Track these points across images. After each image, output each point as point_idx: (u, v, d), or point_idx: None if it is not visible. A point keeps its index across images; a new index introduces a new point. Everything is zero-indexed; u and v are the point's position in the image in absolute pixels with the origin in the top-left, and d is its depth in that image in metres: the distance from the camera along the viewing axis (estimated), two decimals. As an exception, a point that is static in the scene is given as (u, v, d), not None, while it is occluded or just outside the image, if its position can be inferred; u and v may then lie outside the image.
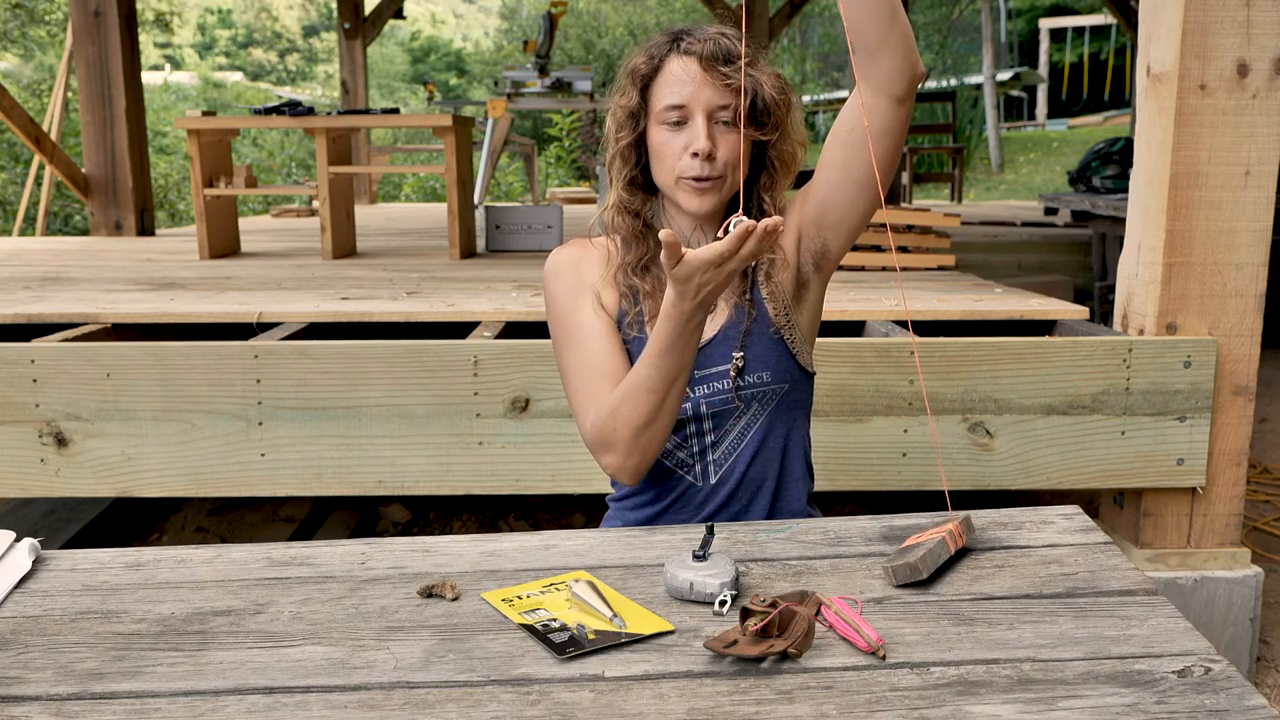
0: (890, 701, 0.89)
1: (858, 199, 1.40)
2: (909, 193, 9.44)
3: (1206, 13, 2.18)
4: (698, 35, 1.36)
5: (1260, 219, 2.25)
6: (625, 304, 1.44)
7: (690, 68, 1.34)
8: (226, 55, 34.65)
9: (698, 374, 1.41)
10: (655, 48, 1.38)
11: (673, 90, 1.35)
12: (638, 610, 1.06)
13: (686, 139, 1.35)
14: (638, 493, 1.48)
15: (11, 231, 8.29)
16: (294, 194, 6.83)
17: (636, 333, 1.43)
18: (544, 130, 15.06)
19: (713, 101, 1.34)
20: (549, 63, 6.71)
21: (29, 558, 1.19)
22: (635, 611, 1.06)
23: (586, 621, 1.04)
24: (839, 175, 1.38)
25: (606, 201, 1.47)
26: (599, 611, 1.04)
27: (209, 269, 3.82)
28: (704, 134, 1.34)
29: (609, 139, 1.43)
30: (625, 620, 1.03)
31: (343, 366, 2.21)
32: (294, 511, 3.31)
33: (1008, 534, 1.25)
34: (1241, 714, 0.86)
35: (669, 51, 1.37)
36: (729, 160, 1.36)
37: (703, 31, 1.37)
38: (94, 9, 5.30)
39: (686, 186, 1.36)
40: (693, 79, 1.34)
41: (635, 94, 1.38)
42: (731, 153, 1.36)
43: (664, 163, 1.37)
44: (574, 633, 1.01)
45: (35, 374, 2.20)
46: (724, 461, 1.44)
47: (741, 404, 1.41)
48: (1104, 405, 2.26)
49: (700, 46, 1.34)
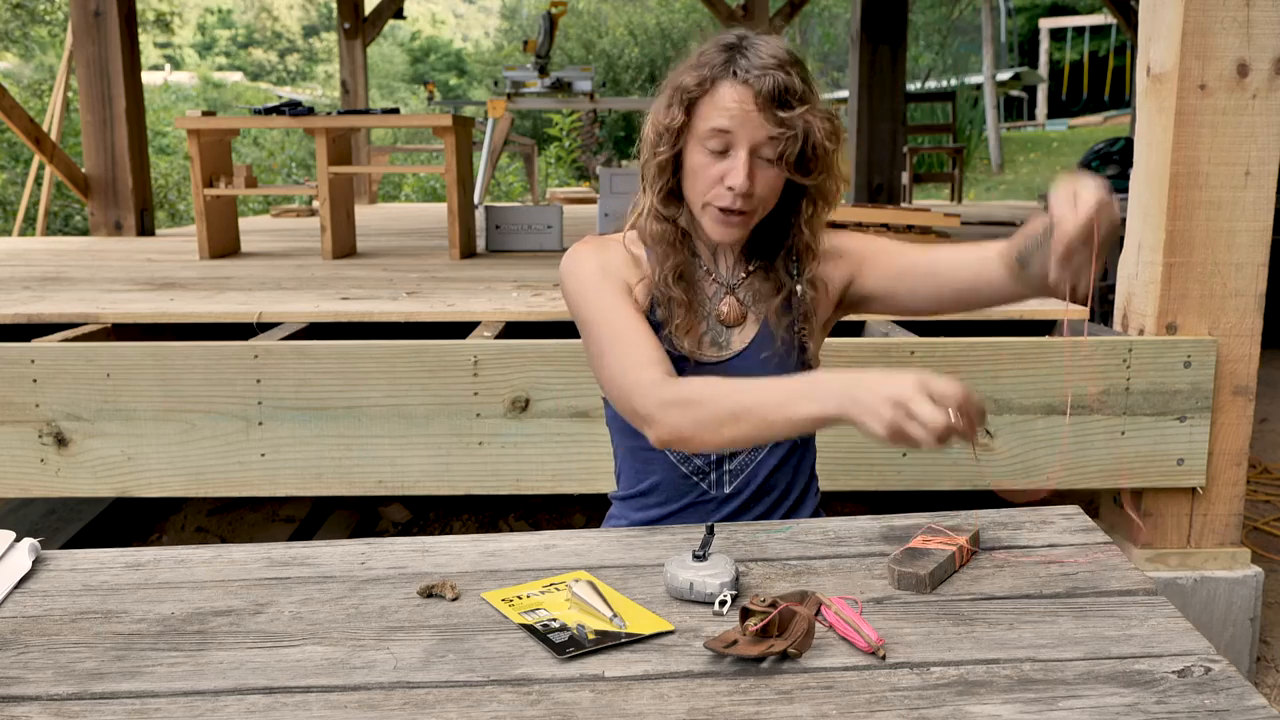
0: (890, 701, 0.89)
1: (931, 301, 1.43)
2: (909, 193, 9.44)
3: (1206, 13, 2.18)
4: (754, 60, 1.28)
5: (1260, 219, 2.25)
6: (660, 313, 1.40)
7: (745, 99, 1.27)
8: (226, 55, 34.64)
9: None
10: (708, 67, 1.30)
11: (720, 116, 1.29)
12: (637, 610, 1.06)
13: (724, 169, 1.30)
14: (646, 494, 1.46)
15: (11, 231, 8.29)
16: (294, 194, 6.82)
17: (669, 349, 1.39)
18: (544, 130, 15.05)
19: (758, 139, 1.29)
20: (549, 63, 6.71)
21: (29, 558, 1.19)
22: (635, 611, 1.06)
23: (586, 621, 1.04)
24: (932, 283, 1.40)
25: (639, 207, 1.42)
26: (599, 611, 1.04)
27: (209, 269, 3.81)
28: (744, 171, 1.29)
29: (646, 144, 1.37)
30: (625, 620, 1.03)
31: (343, 366, 2.21)
32: (294, 511, 3.31)
33: (1008, 534, 1.25)
34: (1241, 714, 0.86)
35: (723, 74, 1.29)
36: (763, 196, 1.33)
37: (759, 55, 1.29)
38: (94, 9, 5.30)
39: (715, 215, 1.33)
40: (744, 112, 1.28)
41: (680, 113, 1.31)
42: (767, 187, 1.32)
43: (696, 185, 1.33)
44: (574, 633, 1.01)
45: (35, 374, 2.20)
46: (740, 471, 1.43)
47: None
48: (1104, 405, 2.25)
49: (759, 82, 1.27)
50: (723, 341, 1.43)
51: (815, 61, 18.40)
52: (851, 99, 6.66)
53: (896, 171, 6.60)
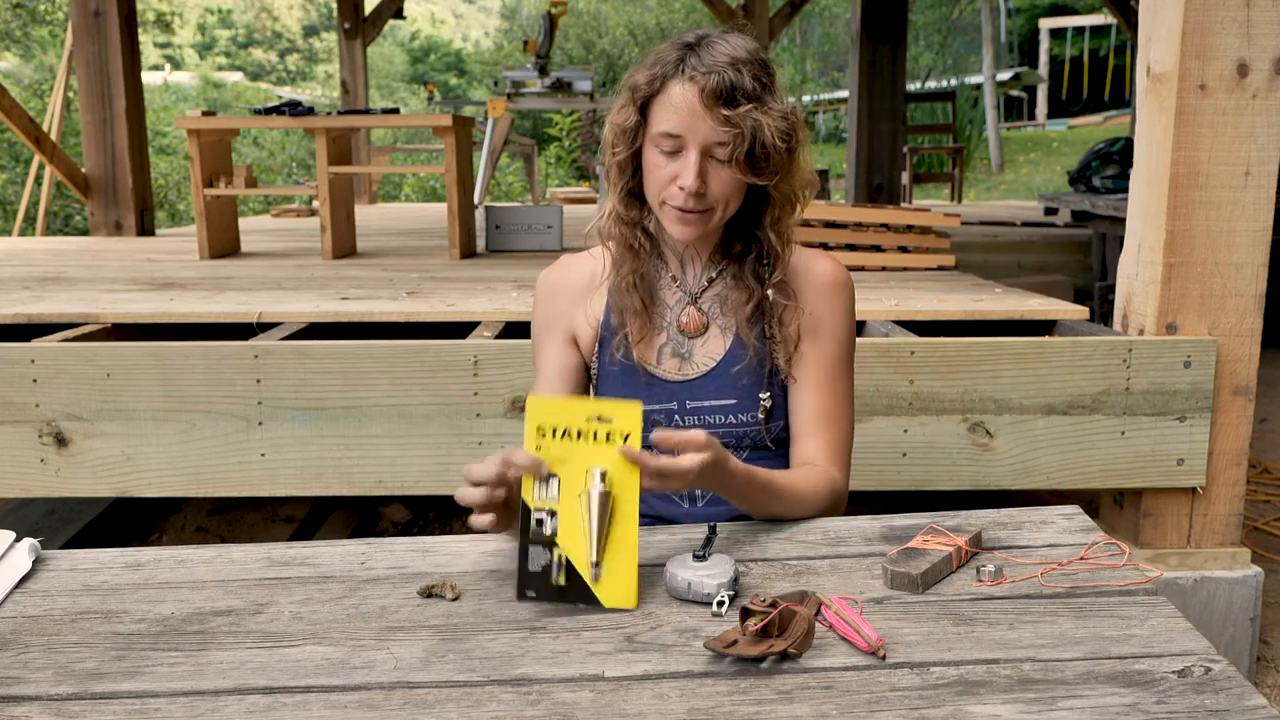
0: (890, 701, 0.89)
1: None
2: (909, 193, 9.44)
3: (1206, 13, 2.18)
4: (705, 59, 1.26)
5: (1260, 219, 2.25)
6: (614, 322, 1.40)
7: (690, 98, 1.26)
8: (226, 55, 34.65)
9: (689, 404, 1.38)
10: (660, 65, 1.30)
11: (669, 118, 1.28)
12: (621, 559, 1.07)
13: (676, 169, 1.29)
14: None
15: (11, 231, 8.29)
16: (294, 194, 6.83)
17: (622, 356, 1.39)
18: (544, 130, 15.06)
19: (708, 139, 1.27)
20: (549, 63, 6.70)
21: (29, 558, 1.19)
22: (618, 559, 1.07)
23: (571, 552, 1.07)
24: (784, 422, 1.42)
25: (604, 209, 1.42)
26: (587, 543, 1.07)
27: (209, 269, 3.81)
28: (694, 171, 1.27)
29: (606, 147, 1.37)
30: (604, 572, 1.07)
31: (342, 366, 2.21)
32: (294, 511, 3.31)
33: (1008, 534, 1.25)
34: (1241, 714, 0.86)
35: (673, 73, 1.28)
36: (720, 196, 1.31)
37: (712, 55, 1.27)
38: (94, 9, 5.30)
39: (671, 214, 1.32)
40: (691, 111, 1.26)
41: (634, 112, 1.31)
42: (723, 188, 1.30)
43: (653, 185, 1.33)
44: (547, 564, 1.07)
45: (35, 374, 2.20)
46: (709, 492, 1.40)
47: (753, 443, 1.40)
48: (1104, 405, 2.25)
49: (705, 79, 1.25)
50: (685, 353, 1.40)
51: (815, 61, 18.41)
52: (851, 99, 6.67)
53: (896, 171, 6.60)
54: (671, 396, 1.39)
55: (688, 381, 1.39)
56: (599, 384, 1.45)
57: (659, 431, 1.11)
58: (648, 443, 1.13)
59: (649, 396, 1.39)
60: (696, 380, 1.39)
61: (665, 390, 1.40)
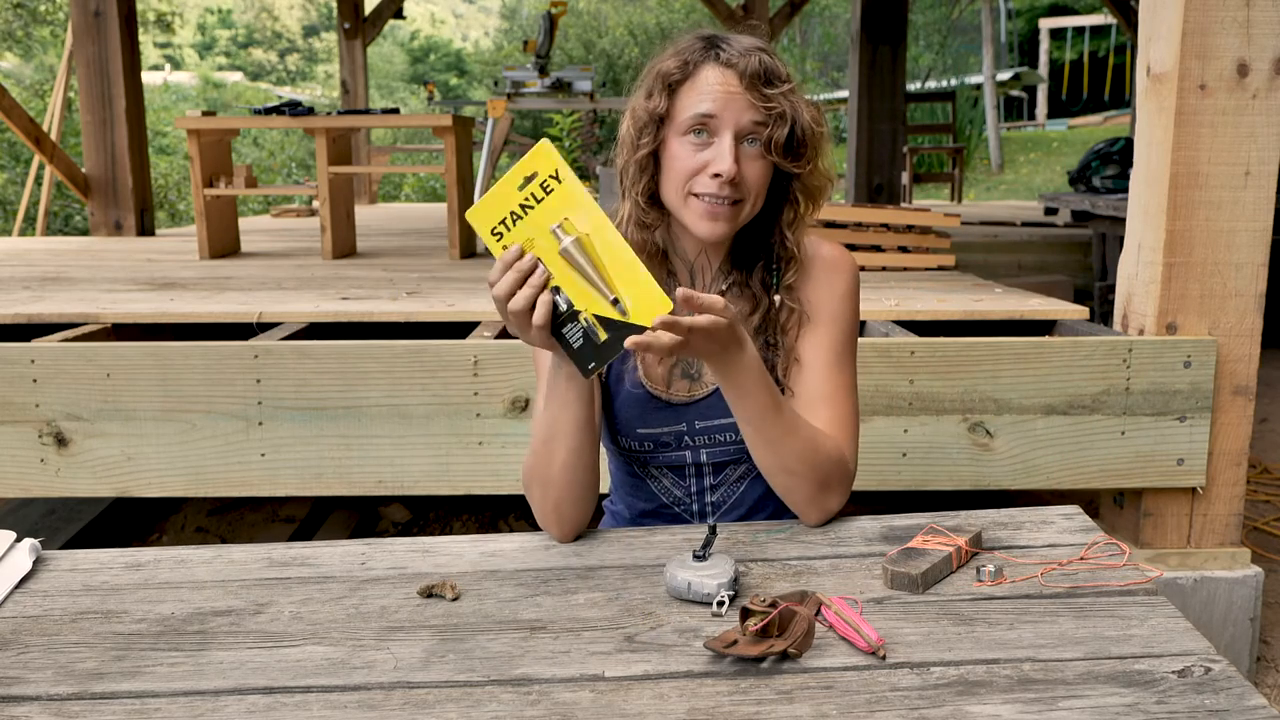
0: (890, 701, 0.89)
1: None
2: (909, 193, 9.44)
3: (1206, 13, 2.18)
4: (736, 47, 1.25)
5: (1260, 219, 2.25)
6: None
7: (728, 79, 1.23)
8: (226, 55, 34.65)
9: (699, 424, 1.35)
10: (688, 51, 1.26)
11: (703, 101, 1.23)
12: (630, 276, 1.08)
13: (709, 156, 1.24)
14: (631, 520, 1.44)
15: (11, 231, 8.29)
16: (294, 194, 6.82)
17: (628, 384, 1.35)
18: (544, 130, 15.05)
19: (746, 121, 1.23)
20: (549, 63, 6.70)
21: (29, 558, 1.19)
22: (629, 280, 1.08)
23: (590, 304, 1.09)
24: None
25: (619, 215, 1.34)
26: (596, 289, 1.08)
27: (209, 269, 3.81)
28: (730, 154, 1.22)
29: (625, 143, 1.30)
30: (627, 300, 1.08)
31: (342, 366, 2.21)
32: (294, 511, 3.31)
33: (1008, 534, 1.25)
34: (1241, 714, 0.86)
35: (704, 58, 1.25)
36: (752, 185, 1.26)
37: (740, 43, 1.25)
38: (94, 9, 5.30)
39: (700, 207, 1.25)
40: (728, 92, 1.23)
41: (663, 99, 1.26)
42: (756, 177, 1.26)
43: (675, 177, 1.26)
44: (585, 328, 1.09)
45: (35, 374, 2.20)
46: (722, 504, 1.40)
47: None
48: (1104, 405, 2.25)
49: (742, 60, 1.23)
50: (694, 373, 1.36)
51: (815, 61, 18.42)
52: (851, 99, 6.67)
53: (896, 171, 6.60)
54: (680, 418, 1.36)
55: (695, 402, 1.36)
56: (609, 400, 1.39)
57: (683, 290, 1.09)
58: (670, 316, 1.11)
59: (658, 419, 1.35)
60: (704, 400, 1.35)
61: (674, 413, 1.36)
